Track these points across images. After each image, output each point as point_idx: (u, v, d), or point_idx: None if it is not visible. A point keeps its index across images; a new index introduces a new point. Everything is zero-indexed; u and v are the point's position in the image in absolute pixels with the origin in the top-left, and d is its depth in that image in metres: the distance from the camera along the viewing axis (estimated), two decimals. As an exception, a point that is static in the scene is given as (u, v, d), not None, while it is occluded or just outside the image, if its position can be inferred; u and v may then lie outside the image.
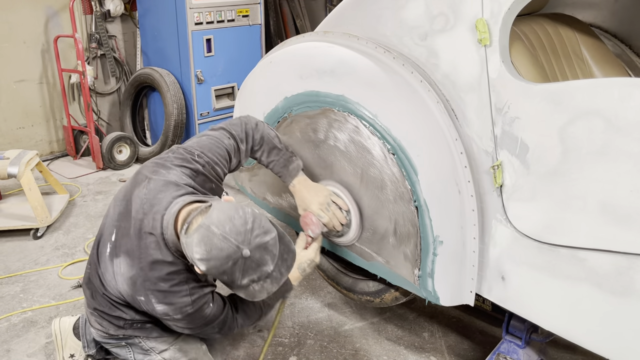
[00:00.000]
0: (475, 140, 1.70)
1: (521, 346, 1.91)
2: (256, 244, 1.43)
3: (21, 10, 4.10)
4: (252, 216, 1.45)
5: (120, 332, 1.79)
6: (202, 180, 1.71)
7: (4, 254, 3.03)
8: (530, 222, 1.59)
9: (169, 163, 1.68)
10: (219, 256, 1.40)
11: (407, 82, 1.78)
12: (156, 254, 1.56)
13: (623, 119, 1.35)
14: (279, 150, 1.90)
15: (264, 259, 1.44)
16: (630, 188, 1.35)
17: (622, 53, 2.36)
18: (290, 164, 1.91)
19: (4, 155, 3.17)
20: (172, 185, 1.61)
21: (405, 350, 2.32)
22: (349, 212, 1.97)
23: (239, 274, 1.43)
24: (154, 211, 1.57)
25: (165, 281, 1.57)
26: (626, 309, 1.41)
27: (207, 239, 1.40)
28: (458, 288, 1.79)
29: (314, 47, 2.04)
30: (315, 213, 1.92)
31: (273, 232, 1.48)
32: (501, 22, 1.58)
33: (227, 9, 4.18)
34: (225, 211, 1.44)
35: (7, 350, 2.29)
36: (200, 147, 1.75)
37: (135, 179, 1.69)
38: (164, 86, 4.10)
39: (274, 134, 1.92)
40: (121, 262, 1.61)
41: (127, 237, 1.60)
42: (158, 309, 1.59)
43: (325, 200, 1.92)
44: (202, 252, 1.40)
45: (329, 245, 2.19)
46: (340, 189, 2.00)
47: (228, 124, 1.87)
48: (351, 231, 2.00)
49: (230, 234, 1.40)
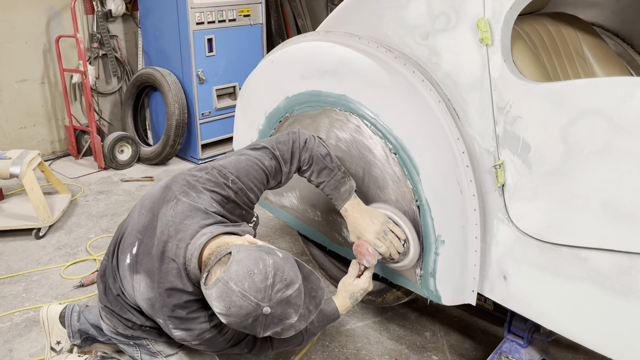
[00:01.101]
0: (477, 139, 1.70)
1: (523, 345, 1.90)
2: (278, 300, 1.34)
3: (23, 10, 4.11)
4: (273, 269, 1.35)
5: (128, 332, 1.79)
6: (232, 207, 1.64)
7: (6, 253, 3.04)
8: (532, 222, 1.59)
9: (200, 185, 1.60)
10: (238, 314, 1.34)
11: (408, 82, 1.78)
12: (176, 281, 1.52)
13: (625, 118, 1.35)
14: (330, 171, 1.77)
15: (286, 313, 1.37)
16: (633, 187, 1.35)
17: (624, 52, 2.36)
18: (342, 185, 1.78)
19: (6, 155, 3.17)
20: (201, 212, 1.54)
21: (407, 349, 2.32)
22: (407, 240, 1.82)
23: (260, 329, 1.37)
24: (178, 237, 1.52)
25: (183, 308, 1.53)
26: (628, 308, 1.41)
27: (226, 295, 1.33)
28: (460, 287, 1.79)
29: (316, 46, 2.04)
30: (372, 243, 1.78)
31: (297, 282, 1.38)
32: (503, 22, 1.57)
33: (229, 8, 4.18)
34: (244, 264, 1.35)
35: (10, 349, 2.29)
36: (236, 170, 1.66)
37: (165, 194, 1.62)
38: (166, 86, 4.10)
39: (326, 152, 1.79)
40: (141, 280, 1.57)
41: (148, 256, 1.56)
42: (175, 334, 1.57)
43: (382, 229, 1.78)
44: (221, 308, 1.35)
45: (329, 243, 2.19)
46: (397, 214, 1.84)
47: (275, 141, 1.76)
48: (408, 258, 1.85)
49: (249, 291, 1.32)
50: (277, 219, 3.25)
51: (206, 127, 4.29)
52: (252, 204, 1.70)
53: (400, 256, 1.84)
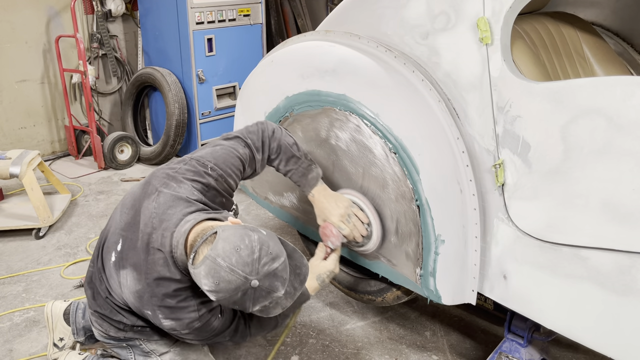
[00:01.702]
0: (476, 139, 1.70)
1: (523, 345, 1.90)
2: (265, 273, 1.38)
3: (23, 10, 4.11)
4: (259, 243, 1.40)
5: (120, 334, 1.79)
6: (213, 194, 1.68)
7: (6, 253, 3.04)
8: (532, 221, 1.59)
9: (180, 176, 1.63)
10: (227, 288, 1.37)
11: (408, 81, 1.78)
12: (164, 271, 1.54)
13: (625, 117, 1.35)
14: (297, 159, 1.85)
15: (274, 285, 1.40)
16: (633, 187, 1.35)
17: (624, 51, 2.36)
18: (309, 172, 1.86)
19: (6, 155, 3.17)
20: (183, 201, 1.58)
21: (407, 349, 2.32)
22: (370, 224, 1.92)
23: (249, 303, 1.40)
24: (163, 227, 1.55)
25: (172, 297, 1.55)
26: (628, 307, 1.41)
27: (214, 271, 1.36)
28: (460, 287, 1.79)
29: (316, 46, 2.04)
30: (336, 225, 1.87)
31: (282, 256, 1.43)
32: (503, 21, 1.57)
33: (228, 8, 4.18)
34: (231, 241, 1.39)
35: (10, 349, 2.29)
36: (214, 159, 1.70)
37: (145, 189, 1.65)
38: (166, 86, 4.10)
39: (292, 141, 1.87)
40: (127, 275, 1.59)
41: (133, 250, 1.58)
42: (165, 324, 1.58)
43: (346, 212, 1.87)
44: (210, 285, 1.38)
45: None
46: (361, 199, 1.94)
47: (245, 131, 1.82)
48: (371, 242, 1.95)
49: (237, 265, 1.36)
50: (278, 219, 3.25)
51: (206, 127, 4.29)
52: (231, 191, 1.74)
53: (364, 239, 1.93)
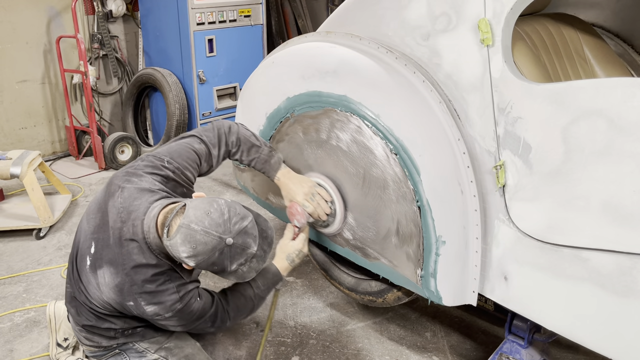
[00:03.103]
0: (477, 140, 1.70)
1: (524, 346, 1.91)
2: (237, 231, 1.50)
3: (23, 10, 4.11)
4: (226, 206, 1.52)
5: (113, 342, 1.81)
6: (173, 185, 1.75)
7: (6, 254, 3.04)
8: (533, 222, 1.59)
9: (140, 171, 1.70)
10: (205, 250, 1.47)
11: (409, 82, 1.78)
12: (139, 258, 1.59)
13: (626, 119, 1.35)
14: (257, 148, 1.94)
15: (246, 242, 1.52)
16: (633, 188, 1.35)
17: (624, 53, 2.36)
18: (271, 158, 1.96)
19: (7, 155, 3.17)
20: (146, 191, 1.65)
21: (408, 350, 2.32)
22: (333, 202, 2.03)
23: (227, 262, 1.51)
24: (132, 218, 1.60)
25: (151, 282, 1.60)
26: (629, 308, 1.41)
27: (190, 237, 1.46)
28: (460, 288, 1.79)
29: (316, 47, 2.04)
30: (300, 203, 1.97)
31: (249, 216, 1.55)
32: (503, 22, 1.58)
33: (229, 9, 4.18)
34: (200, 207, 1.50)
35: (10, 350, 2.29)
36: (169, 154, 1.78)
37: (108, 190, 1.70)
38: (166, 86, 4.10)
39: (250, 133, 1.96)
40: (105, 272, 1.62)
41: (107, 248, 1.62)
42: (148, 311, 1.61)
43: (309, 191, 1.98)
44: (188, 251, 1.47)
45: (329, 244, 2.19)
46: (324, 180, 2.06)
47: (201, 130, 1.90)
48: (336, 221, 2.05)
49: (210, 227, 1.46)
50: (278, 219, 3.25)
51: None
52: (191, 183, 1.82)
53: (329, 218, 2.03)
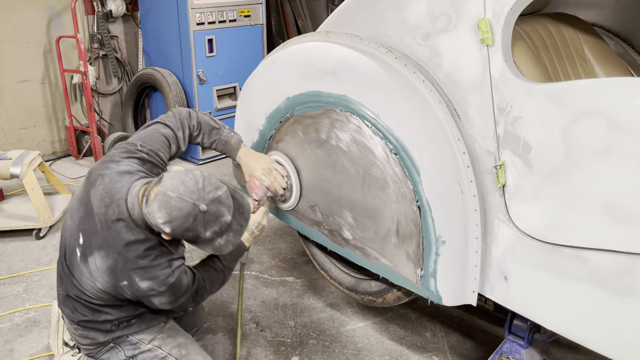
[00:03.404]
0: (477, 140, 1.70)
1: (524, 346, 1.90)
2: (210, 199, 1.56)
3: (23, 11, 4.11)
4: (201, 176, 1.59)
5: (109, 336, 1.84)
6: (150, 166, 1.83)
7: (6, 254, 3.04)
8: (533, 222, 1.59)
9: (116, 157, 1.78)
10: (179, 216, 1.53)
11: (409, 82, 1.78)
12: (128, 236, 1.65)
13: (626, 119, 1.35)
14: (217, 130, 2.03)
15: (220, 210, 1.57)
16: (633, 188, 1.35)
17: (624, 52, 2.36)
18: (231, 139, 2.05)
19: (7, 155, 3.17)
20: (126, 173, 1.72)
21: (408, 350, 2.32)
22: (289, 177, 2.18)
23: (201, 228, 1.56)
24: (116, 199, 1.67)
25: (143, 258, 1.65)
26: (629, 308, 1.41)
27: (166, 203, 1.53)
28: (460, 288, 1.79)
29: (316, 47, 2.04)
30: (258, 177, 2.08)
31: (223, 187, 1.62)
32: (503, 22, 1.58)
33: (229, 9, 4.18)
34: (176, 177, 1.58)
35: (10, 350, 2.29)
36: (140, 139, 1.87)
37: (88, 181, 1.76)
38: (166, 86, 4.10)
39: (209, 118, 2.05)
40: (95, 258, 1.67)
41: (95, 235, 1.67)
42: (143, 287, 1.66)
43: (267, 166, 2.09)
44: (164, 216, 1.53)
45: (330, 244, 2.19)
46: (282, 157, 2.19)
47: (162, 117, 1.99)
48: (293, 195, 2.19)
49: (185, 194, 1.53)
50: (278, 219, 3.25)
51: (206, 127, 4.29)
52: (165, 163, 1.92)
53: (286, 192, 2.19)
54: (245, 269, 2.91)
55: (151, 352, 1.87)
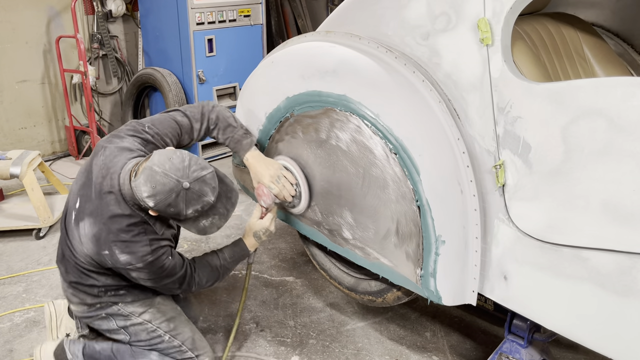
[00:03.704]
0: (477, 139, 1.70)
1: (523, 346, 1.90)
2: (194, 178, 1.62)
3: (23, 10, 4.11)
4: (188, 156, 1.66)
5: (96, 300, 1.91)
6: (152, 148, 1.87)
7: (6, 254, 3.04)
8: (533, 222, 1.59)
9: (122, 133, 1.86)
10: (162, 190, 1.60)
11: (409, 82, 1.78)
12: (115, 209, 1.73)
13: (625, 118, 1.35)
14: (233, 128, 2.06)
15: (203, 190, 1.64)
16: (633, 188, 1.35)
17: (624, 52, 2.36)
18: (244, 139, 2.06)
19: (7, 155, 3.17)
20: (126, 150, 1.80)
21: (408, 349, 2.32)
22: (298, 184, 2.13)
23: (182, 205, 1.62)
24: (111, 172, 1.75)
25: (126, 232, 1.72)
26: (629, 308, 1.41)
27: (151, 177, 1.60)
28: (460, 288, 1.79)
29: (316, 47, 2.04)
30: (267, 185, 2.05)
31: (210, 169, 1.67)
32: (503, 22, 1.57)
33: (229, 9, 4.18)
34: (164, 153, 1.65)
35: (10, 350, 2.29)
36: (151, 121, 1.94)
37: (94, 151, 1.86)
38: (166, 86, 4.10)
39: (230, 114, 2.08)
40: (85, 224, 1.76)
41: (89, 202, 1.77)
42: (121, 259, 1.73)
43: (276, 174, 2.07)
44: (148, 190, 1.60)
45: (329, 244, 2.19)
46: (291, 163, 2.15)
47: (187, 106, 2.05)
48: (302, 202, 2.15)
49: (170, 170, 1.60)
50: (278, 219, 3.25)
51: (206, 127, 4.29)
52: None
53: (295, 199, 2.14)
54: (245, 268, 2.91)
55: (141, 326, 1.96)
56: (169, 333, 1.98)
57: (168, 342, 1.97)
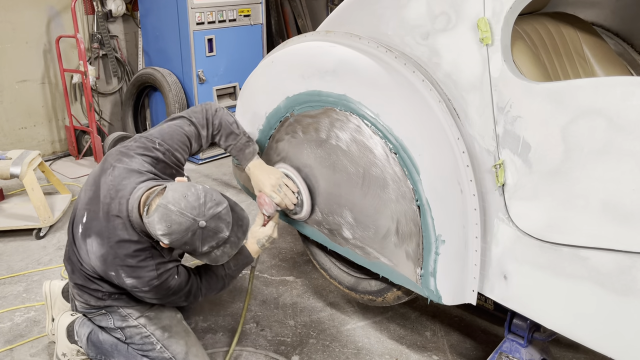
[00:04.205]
0: (477, 139, 1.70)
1: (523, 345, 1.91)
2: (210, 215, 1.60)
3: (23, 10, 4.11)
4: (203, 192, 1.63)
5: (100, 302, 1.95)
6: (163, 167, 1.87)
7: (6, 254, 3.04)
8: (533, 221, 1.59)
9: (131, 152, 1.84)
10: (179, 230, 1.58)
11: (409, 82, 1.78)
12: (123, 234, 1.73)
13: (625, 118, 1.35)
14: (235, 136, 2.06)
15: (219, 227, 1.63)
16: (633, 187, 1.36)
17: (624, 52, 2.36)
18: (246, 148, 2.07)
19: (7, 155, 3.17)
20: (135, 172, 1.78)
21: (408, 349, 2.32)
22: (300, 192, 2.14)
23: (199, 243, 1.61)
24: (119, 196, 1.74)
25: (132, 257, 1.73)
26: (628, 307, 1.42)
27: (167, 216, 1.57)
28: (460, 287, 1.79)
29: (316, 46, 2.04)
30: (268, 194, 2.06)
31: (224, 203, 1.66)
32: (503, 21, 1.58)
33: (229, 8, 4.18)
34: (179, 190, 1.61)
35: (10, 349, 2.29)
36: (161, 136, 1.90)
37: (102, 166, 1.85)
38: (166, 86, 4.10)
39: (232, 120, 2.08)
40: (93, 242, 1.77)
41: (96, 220, 1.77)
42: (127, 282, 1.76)
43: (277, 183, 2.07)
44: (163, 229, 1.58)
45: (330, 243, 2.19)
46: (292, 171, 2.17)
47: (190, 111, 2.03)
48: (304, 210, 2.17)
49: (186, 209, 1.58)
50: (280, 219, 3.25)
51: (206, 127, 4.29)
52: (180, 164, 1.95)
53: (296, 207, 2.16)
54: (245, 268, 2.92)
55: (136, 329, 1.97)
56: (161, 342, 1.97)
57: (159, 352, 1.97)
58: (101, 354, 2.03)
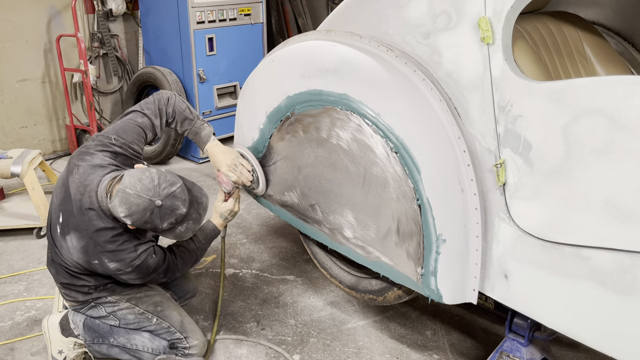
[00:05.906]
0: (478, 138, 1.70)
1: (524, 344, 1.91)
2: (165, 194, 1.74)
3: (24, 9, 4.11)
4: (157, 174, 1.76)
5: (87, 297, 2.04)
6: (123, 159, 1.97)
7: (7, 252, 3.04)
8: (534, 220, 1.59)
9: (91, 150, 1.94)
10: (137, 210, 1.72)
11: (409, 81, 1.78)
12: (99, 223, 1.83)
13: (626, 117, 1.35)
14: (190, 121, 2.17)
15: (175, 204, 1.76)
16: (634, 186, 1.35)
17: (625, 51, 2.36)
18: (202, 131, 2.18)
19: (7, 154, 3.17)
20: (98, 167, 1.89)
21: (408, 348, 2.32)
22: (254, 170, 2.32)
23: (158, 221, 1.75)
24: (88, 190, 1.85)
25: (111, 243, 1.84)
26: (629, 306, 1.41)
27: (125, 199, 1.71)
28: (461, 286, 1.79)
29: (317, 45, 2.04)
30: (225, 173, 2.19)
31: (178, 183, 1.79)
32: (504, 20, 1.57)
33: (229, 7, 4.18)
34: (135, 175, 1.75)
35: (11, 348, 2.30)
36: (115, 132, 2.00)
37: (68, 168, 1.94)
38: (166, 85, 4.10)
39: (185, 106, 2.18)
40: (72, 237, 1.87)
41: (72, 217, 1.87)
42: (111, 267, 1.86)
43: (233, 162, 2.20)
44: (124, 211, 1.72)
45: (331, 243, 2.19)
46: (246, 150, 2.35)
47: (142, 103, 2.13)
48: (260, 185, 2.36)
49: (142, 191, 1.72)
50: (278, 218, 3.25)
51: (207, 126, 4.29)
52: (138, 154, 2.05)
53: (253, 184, 2.36)
54: (246, 267, 2.92)
55: (128, 309, 2.08)
56: (156, 315, 2.09)
57: (157, 324, 2.08)
58: (99, 337, 2.10)
